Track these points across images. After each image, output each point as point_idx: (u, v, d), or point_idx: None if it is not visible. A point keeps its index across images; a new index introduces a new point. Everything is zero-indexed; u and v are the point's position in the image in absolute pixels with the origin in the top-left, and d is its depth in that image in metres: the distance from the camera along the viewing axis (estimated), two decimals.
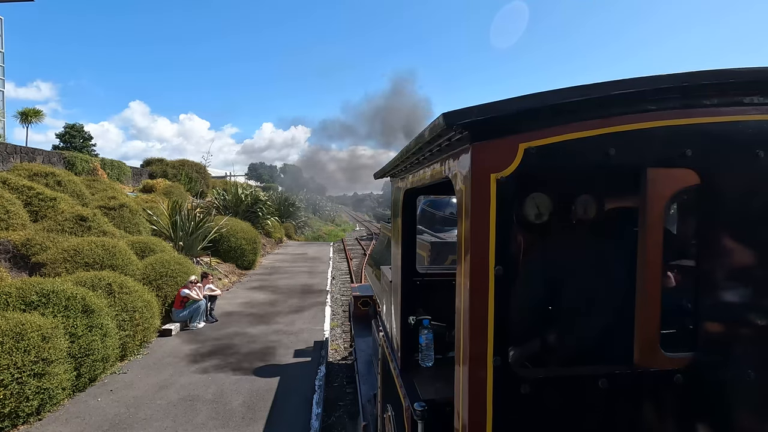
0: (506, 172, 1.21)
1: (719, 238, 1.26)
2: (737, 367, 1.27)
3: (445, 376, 2.06)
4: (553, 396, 1.26)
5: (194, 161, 23.92)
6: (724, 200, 1.25)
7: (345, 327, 8.25)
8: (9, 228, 7.58)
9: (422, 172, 1.90)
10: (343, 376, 6.04)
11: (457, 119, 1.19)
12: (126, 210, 10.38)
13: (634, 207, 1.32)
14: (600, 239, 1.60)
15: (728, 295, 1.27)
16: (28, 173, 10.31)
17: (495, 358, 1.23)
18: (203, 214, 12.23)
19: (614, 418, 1.28)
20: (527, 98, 1.20)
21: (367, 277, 6.71)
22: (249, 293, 10.15)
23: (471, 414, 1.24)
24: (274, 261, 15.42)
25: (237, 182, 27.49)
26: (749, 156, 1.23)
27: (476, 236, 1.22)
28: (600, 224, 1.63)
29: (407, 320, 2.26)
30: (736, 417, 1.30)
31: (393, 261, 2.69)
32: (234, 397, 4.91)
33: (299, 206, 30.61)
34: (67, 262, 6.79)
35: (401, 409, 2.04)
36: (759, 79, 1.21)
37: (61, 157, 15.58)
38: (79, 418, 4.37)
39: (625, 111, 1.22)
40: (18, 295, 4.74)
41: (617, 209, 1.65)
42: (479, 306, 1.23)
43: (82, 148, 28.63)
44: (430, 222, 5.94)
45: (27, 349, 4.10)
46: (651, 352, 1.26)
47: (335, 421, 4.85)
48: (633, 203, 1.36)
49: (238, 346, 6.57)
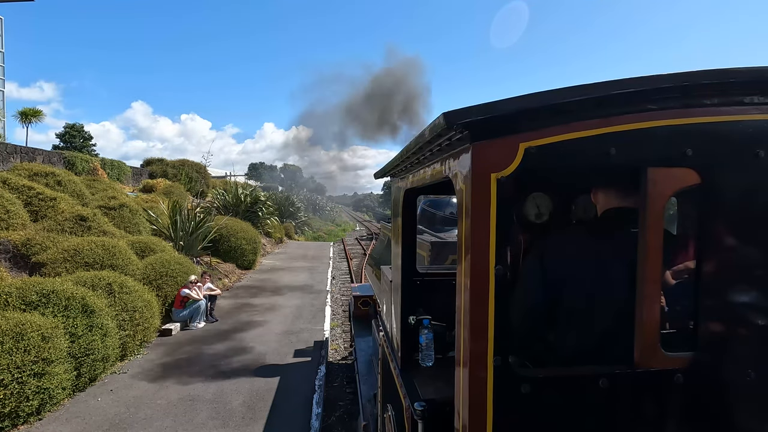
0: (506, 172, 1.21)
1: (719, 237, 1.26)
2: (738, 367, 1.27)
3: (445, 376, 2.05)
4: (553, 396, 1.26)
5: (194, 161, 23.92)
6: (724, 200, 1.25)
7: (345, 327, 8.25)
8: (9, 228, 7.58)
9: (422, 172, 1.90)
10: (343, 376, 6.04)
11: (458, 119, 1.19)
12: (126, 210, 10.37)
13: (634, 207, 1.32)
14: (600, 239, 1.60)
15: (728, 294, 1.27)
16: (28, 173, 10.31)
17: (495, 357, 1.23)
18: (203, 214, 12.23)
19: (615, 417, 1.28)
20: (528, 98, 1.20)
21: (367, 277, 6.71)
22: (248, 293, 10.17)
23: (471, 414, 1.24)
24: (275, 261, 15.42)
25: (237, 182, 27.49)
26: (750, 155, 1.23)
27: (476, 236, 1.22)
28: (600, 223, 1.63)
29: (407, 320, 2.26)
30: (737, 417, 1.30)
31: (393, 261, 2.69)
32: (234, 396, 4.91)
33: (299, 206, 30.64)
34: (67, 261, 6.79)
35: (401, 408, 2.04)
36: (759, 79, 1.21)
37: (61, 157, 15.58)
38: (80, 417, 4.37)
39: (625, 110, 1.22)
40: (18, 295, 4.74)
41: (617, 209, 1.65)
42: (479, 306, 1.23)
43: (82, 147, 28.63)
44: (430, 222, 5.93)
45: (27, 349, 4.10)
46: (651, 352, 1.26)
47: (335, 421, 4.85)
48: (633, 203, 1.36)
49: (239, 341, 6.57)
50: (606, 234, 1.54)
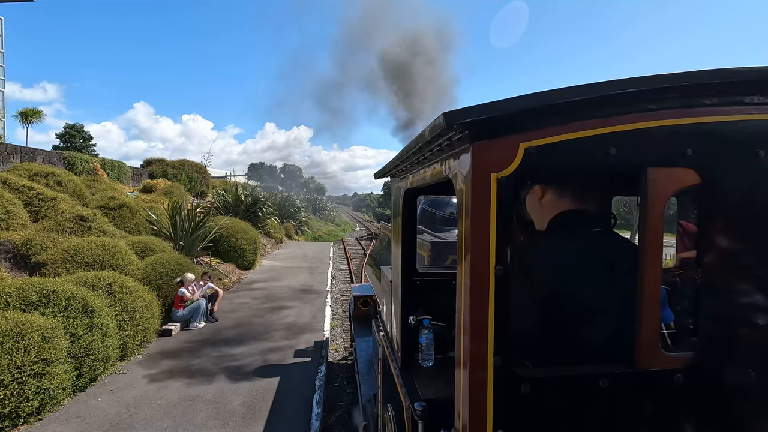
0: (507, 172, 1.21)
1: (719, 237, 1.26)
2: (738, 367, 1.27)
3: (445, 376, 2.05)
4: (553, 396, 1.26)
5: (195, 161, 23.90)
6: (724, 200, 1.25)
7: (345, 327, 8.25)
8: (9, 228, 7.58)
9: (422, 172, 1.90)
10: (343, 376, 6.04)
11: (458, 119, 1.19)
12: (126, 210, 10.38)
13: (634, 206, 1.32)
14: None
15: (729, 295, 1.27)
16: (29, 173, 10.31)
17: (495, 358, 1.22)
18: (203, 214, 12.23)
19: (615, 417, 1.28)
20: (528, 98, 1.20)
21: (367, 277, 6.71)
22: (250, 292, 10.17)
23: (471, 414, 1.24)
24: (275, 261, 15.42)
25: (237, 182, 27.49)
26: (750, 155, 1.23)
27: (476, 236, 1.22)
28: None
29: (407, 320, 2.26)
30: (737, 417, 1.30)
31: (393, 261, 2.69)
32: (234, 396, 4.91)
33: (299, 206, 30.64)
34: (67, 262, 6.79)
35: (401, 408, 2.04)
36: (759, 79, 1.21)
37: (62, 157, 15.59)
38: (80, 417, 4.37)
39: (625, 110, 1.22)
40: (18, 295, 4.74)
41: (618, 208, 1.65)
42: (479, 306, 1.23)
43: (82, 148, 28.63)
44: (430, 222, 5.94)
45: (27, 349, 4.10)
46: (651, 352, 1.26)
47: (335, 421, 4.85)
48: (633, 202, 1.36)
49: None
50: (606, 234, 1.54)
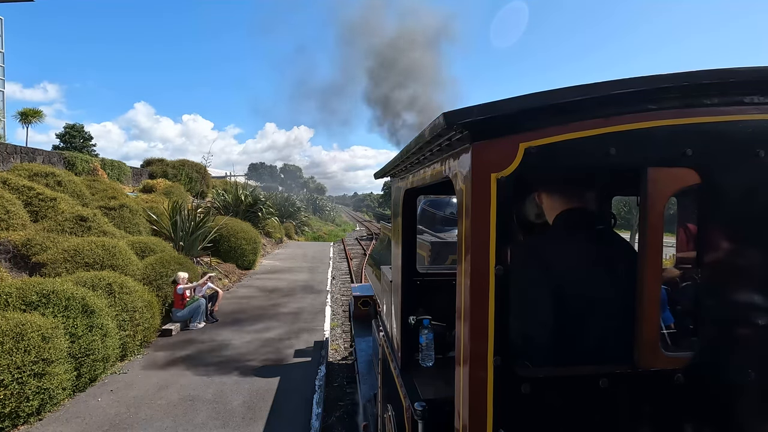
0: (507, 172, 1.21)
1: (719, 237, 1.26)
2: (738, 367, 1.27)
3: (445, 376, 2.06)
4: (553, 396, 1.26)
5: (195, 161, 23.87)
6: (724, 199, 1.25)
7: (345, 327, 8.25)
8: (9, 228, 7.58)
9: (422, 172, 1.90)
10: (343, 376, 6.04)
11: (458, 119, 1.19)
12: (126, 210, 10.37)
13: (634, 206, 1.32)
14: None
15: (728, 295, 1.27)
16: (29, 173, 10.30)
17: (495, 357, 1.23)
18: (203, 214, 12.23)
19: (615, 417, 1.28)
20: (528, 98, 1.20)
21: (367, 277, 6.71)
22: (250, 292, 10.17)
23: (471, 414, 1.24)
24: (275, 261, 15.42)
25: (237, 182, 27.49)
26: (750, 155, 1.23)
27: (476, 236, 1.22)
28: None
29: (407, 320, 2.26)
30: (737, 417, 1.30)
31: (393, 261, 2.69)
32: (234, 396, 4.91)
33: (299, 206, 30.65)
34: (67, 262, 6.79)
35: (401, 408, 2.04)
36: (759, 79, 1.21)
37: (61, 157, 15.57)
38: (80, 418, 4.37)
39: (625, 110, 1.22)
40: (18, 295, 4.74)
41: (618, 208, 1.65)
42: (479, 306, 1.23)
43: (82, 148, 28.58)
44: (430, 222, 5.93)
45: (27, 349, 4.09)
46: (651, 352, 1.26)
47: (335, 421, 4.85)
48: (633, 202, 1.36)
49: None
50: (606, 233, 1.54)
